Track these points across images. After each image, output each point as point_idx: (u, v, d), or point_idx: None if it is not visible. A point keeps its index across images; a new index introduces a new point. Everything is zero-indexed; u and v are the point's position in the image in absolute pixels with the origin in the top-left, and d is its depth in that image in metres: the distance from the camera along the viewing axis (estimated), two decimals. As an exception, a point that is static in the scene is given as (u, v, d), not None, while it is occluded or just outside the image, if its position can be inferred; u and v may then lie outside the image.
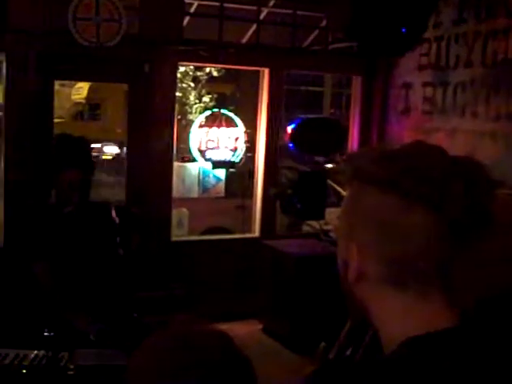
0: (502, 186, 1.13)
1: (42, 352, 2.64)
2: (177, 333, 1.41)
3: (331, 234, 5.53)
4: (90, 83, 10.73)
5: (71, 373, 2.63)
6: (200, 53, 5.79)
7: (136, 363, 1.38)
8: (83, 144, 3.39)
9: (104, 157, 11.76)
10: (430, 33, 5.64)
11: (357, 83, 6.57)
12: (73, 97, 12.22)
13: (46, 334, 2.73)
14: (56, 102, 6.19)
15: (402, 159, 1.10)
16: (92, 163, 3.38)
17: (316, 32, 7.19)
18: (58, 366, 2.62)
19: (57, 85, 6.94)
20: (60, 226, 3.25)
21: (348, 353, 1.51)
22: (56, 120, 6.93)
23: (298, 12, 6.40)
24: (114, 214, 3.39)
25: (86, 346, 2.76)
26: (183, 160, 6.36)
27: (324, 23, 6.73)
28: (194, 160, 6.17)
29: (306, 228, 6.19)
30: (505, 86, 5.11)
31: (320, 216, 5.43)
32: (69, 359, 2.66)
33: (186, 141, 6.27)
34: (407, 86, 6.12)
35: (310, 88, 11.64)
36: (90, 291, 3.14)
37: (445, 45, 5.72)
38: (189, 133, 6.21)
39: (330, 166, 5.94)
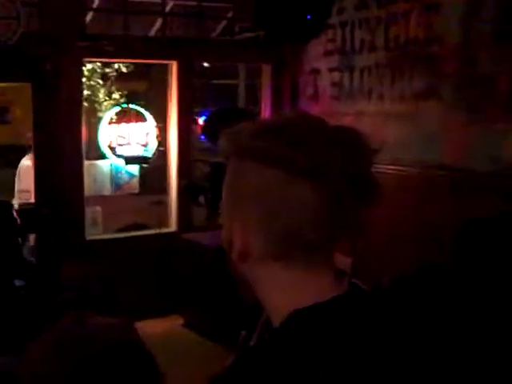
0: (379, 153, 1.12)
1: None
2: (70, 327, 1.37)
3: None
4: (-4, 86, 10.26)
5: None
6: (105, 48, 5.67)
7: (35, 355, 1.33)
8: None
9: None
10: (334, 19, 5.70)
11: (266, 72, 6.58)
12: (-21, 101, 11.71)
13: None
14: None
15: (282, 131, 1.07)
16: None
17: (224, 23, 7.19)
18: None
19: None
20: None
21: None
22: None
23: (205, 3, 6.36)
24: (14, 213, 3.27)
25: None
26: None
27: (231, 14, 6.71)
28: (104, 157, 6.06)
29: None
30: (408, 67, 5.22)
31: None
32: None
33: (96, 138, 6.15)
34: (315, 72, 6.17)
35: (224, 81, 11.60)
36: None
37: (349, 30, 5.79)
38: (98, 130, 6.10)
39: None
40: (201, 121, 6.19)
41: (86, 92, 7.14)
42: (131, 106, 6.31)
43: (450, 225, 4.66)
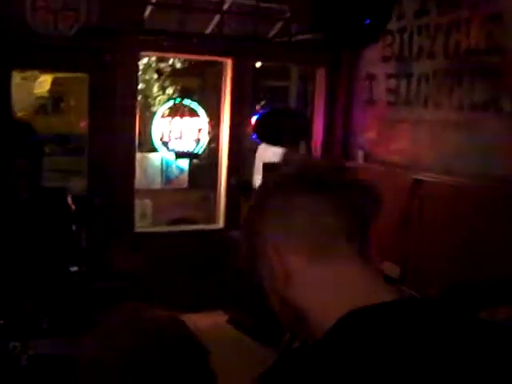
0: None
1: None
2: (127, 319, 1.36)
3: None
4: (52, 76, 10.45)
5: (24, 363, 2.54)
6: (162, 43, 5.71)
7: (86, 350, 1.33)
8: (28, 131, 3.27)
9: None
10: (393, 24, 5.64)
11: (321, 75, 6.54)
12: (35, 90, 11.94)
13: (-5, 322, 2.63)
14: (18, 96, 6.07)
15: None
16: (40, 149, 3.27)
17: (280, 24, 7.16)
18: (10, 356, 2.53)
19: (18, 78, 6.81)
20: (11, 214, 3.16)
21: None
22: (18, 114, 6.80)
23: (263, 4, 6.36)
24: (69, 200, 3.30)
25: (39, 336, 2.67)
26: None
27: (288, 15, 6.70)
28: (155, 151, 6.11)
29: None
30: (467, 76, 5.12)
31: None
32: (21, 349, 2.57)
33: (149, 132, 6.19)
34: (371, 78, 6.11)
35: (276, 83, 11.60)
36: (42, 279, 3.05)
37: (408, 36, 5.72)
38: (151, 123, 6.14)
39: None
40: (253, 120, 6.17)
41: (140, 86, 7.20)
42: (184, 101, 6.33)
43: (501, 238, 4.60)
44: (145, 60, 8.40)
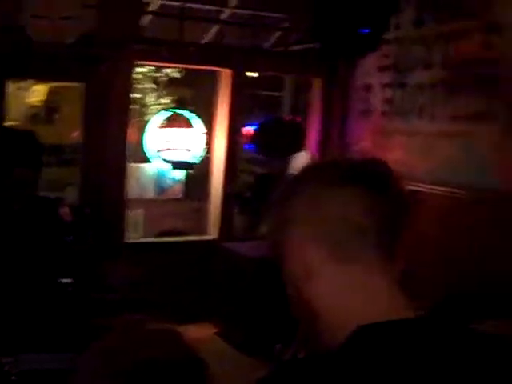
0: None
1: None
2: (127, 332, 1.34)
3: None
4: (47, 86, 10.42)
5: (14, 378, 2.49)
6: (159, 52, 5.68)
7: (84, 366, 1.30)
8: (31, 140, 3.22)
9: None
10: (390, 34, 5.62)
11: (317, 85, 6.51)
12: (29, 100, 11.90)
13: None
14: (12, 105, 6.03)
15: None
16: (40, 160, 3.22)
17: (278, 34, 7.15)
18: (0, 372, 2.48)
19: (13, 88, 6.77)
20: (7, 223, 3.12)
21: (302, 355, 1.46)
22: (10, 123, 6.76)
23: (260, 13, 6.35)
24: (66, 210, 3.26)
25: (31, 350, 2.61)
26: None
27: (286, 24, 6.68)
28: (150, 161, 6.06)
29: (263, 230, 6.11)
30: (464, 88, 5.10)
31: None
32: (12, 364, 2.52)
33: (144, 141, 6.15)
34: (367, 88, 6.09)
35: (270, 93, 11.57)
36: (38, 291, 3.00)
37: (405, 46, 5.70)
38: (144, 133, 6.09)
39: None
40: (248, 130, 6.15)
41: (136, 95, 7.17)
42: (180, 111, 6.30)
43: (496, 250, 4.56)
44: (141, 69, 8.37)
